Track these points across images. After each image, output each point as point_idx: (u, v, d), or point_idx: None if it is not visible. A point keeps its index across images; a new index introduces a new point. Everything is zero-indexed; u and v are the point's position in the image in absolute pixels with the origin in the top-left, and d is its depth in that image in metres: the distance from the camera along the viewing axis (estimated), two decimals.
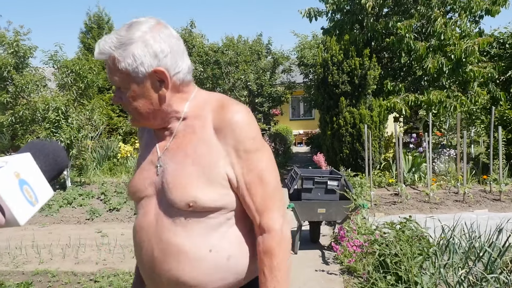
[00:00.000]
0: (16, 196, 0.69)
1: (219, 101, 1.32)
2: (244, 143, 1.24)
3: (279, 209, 1.29)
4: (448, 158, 10.47)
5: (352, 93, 9.42)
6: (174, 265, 1.27)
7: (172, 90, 1.30)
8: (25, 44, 9.44)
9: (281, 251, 1.25)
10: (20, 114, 9.39)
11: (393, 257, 3.26)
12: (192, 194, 1.22)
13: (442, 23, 9.83)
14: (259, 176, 1.26)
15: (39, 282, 4.58)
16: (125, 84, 1.26)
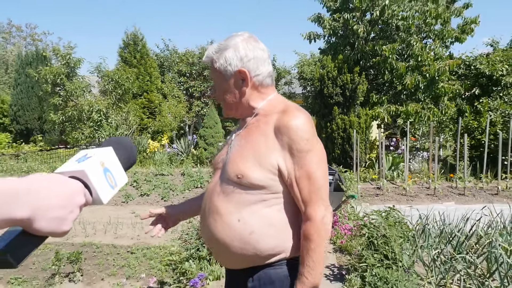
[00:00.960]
0: (101, 181, 0.72)
1: (286, 106, 1.35)
2: (297, 143, 1.24)
3: (322, 202, 1.27)
4: (421, 159, 10.47)
5: (344, 103, 9.44)
6: (212, 222, 1.34)
7: (252, 89, 1.37)
8: (75, 57, 9.52)
9: (318, 237, 1.24)
10: (69, 114, 9.50)
11: (380, 238, 3.29)
12: (241, 169, 1.27)
13: (420, 47, 9.83)
14: (308, 173, 1.25)
15: (86, 252, 4.65)
16: (218, 80, 1.39)
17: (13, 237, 0.59)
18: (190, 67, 17.87)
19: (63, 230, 0.62)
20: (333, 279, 3.73)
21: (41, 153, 11.78)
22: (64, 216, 0.62)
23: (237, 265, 1.37)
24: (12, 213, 0.54)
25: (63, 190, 0.64)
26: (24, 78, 17.08)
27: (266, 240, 1.29)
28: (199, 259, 3.87)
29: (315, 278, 1.24)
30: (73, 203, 0.64)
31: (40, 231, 0.60)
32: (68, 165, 0.73)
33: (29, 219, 0.57)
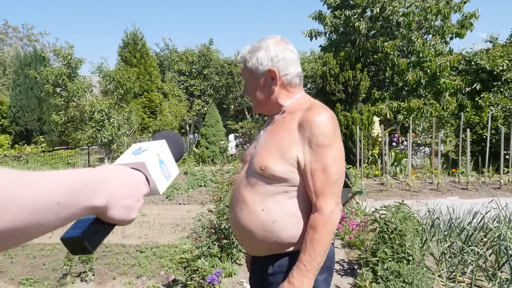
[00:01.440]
0: (158, 172, 0.75)
1: (311, 104, 1.42)
2: (317, 137, 1.30)
3: (333, 197, 1.30)
4: (423, 155, 10.53)
5: (346, 100, 9.48)
6: (238, 211, 1.43)
7: (280, 87, 1.45)
8: (76, 57, 9.52)
9: (324, 229, 1.26)
10: (71, 115, 9.49)
11: (391, 233, 3.34)
12: (265, 162, 1.34)
13: (421, 43, 9.88)
14: (323, 167, 1.29)
15: (96, 252, 4.66)
16: (250, 78, 1.48)
17: (88, 224, 0.62)
18: (190, 66, 17.87)
19: (131, 217, 0.66)
20: (343, 274, 3.78)
21: (43, 154, 11.78)
22: (132, 204, 0.66)
23: (260, 252, 1.44)
24: (93, 201, 0.57)
25: (131, 180, 0.67)
26: (23, 79, 17.04)
27: (288, 229, 1.35)
28: (210, 256, 3.91)
29: (312, 268, 1.26)
30: (139, 193, 0.68)
31: (113, 218, 0.63)
32: (126, 158, 0.76)
33: (105, 207, 0.60)
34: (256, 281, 1.50)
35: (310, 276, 1.27)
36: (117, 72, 10.21)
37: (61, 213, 0.51)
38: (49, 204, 0.49)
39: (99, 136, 9.53)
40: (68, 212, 0.53)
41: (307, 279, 1.26)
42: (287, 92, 1.46)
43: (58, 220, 0.51)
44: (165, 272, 3.95)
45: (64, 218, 0.52)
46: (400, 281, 3.11)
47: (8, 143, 14.89)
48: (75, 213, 0.55)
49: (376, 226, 3.52)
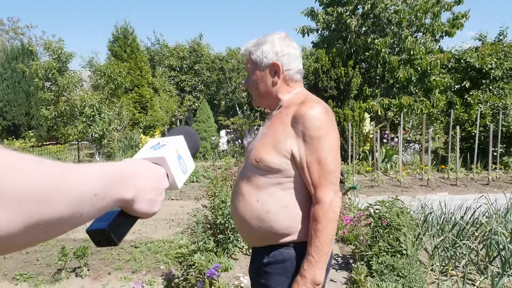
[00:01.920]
0: (176, 167, 0.76)
1: (305, 98, 1.46)
2: (310, 130, 1.33)
3: (331, 186, 1.33)
4: (413, 151, 10.68)
5: (338, 96, 9.55)
6: (236, 202, 1.50)
7: (282, 81, 1.50)
8: (66, 51, 9.38)
9: (326, 219, 1.29)
10: (61, 109, 9.37)
11: (384, 227, 3.40)
12: (260, 154, 1.39)
13: (411, 41, 9.99)
14: (318, 158, 1.33)
15: (89, 247, 4.64)
16: (253, 70, 1.52)
17: (114, 217, 0.63)
18: (181, 61, 17.77)
19: (154, 211, 0.68)
20: (338, 268, 3.83)
21: (32, 149, 11.62)
22: (155, 198, 0.67)
23: (256, 242, 1.50)
24: (123, 193, 0.59)
25: (154, 174, 0.69)
26: (10, 73, 16.74)
27: (281, 219, 1.39)
28: (206, 251, 3.93)
29: (321, 258, 1.30)
30: (162, 186, 0.70)
31: (138, 211, 0.64)
32: (145, 152, 0.77)
33: (133, 200, 0.62)
34: (254, 271, 1.55)
35: (321, 266, 1.30)
36: (108, 66, 10.11)
37: (97, 204, 0.53)
38: (88, 195, 0.50)
39: (89, 131, 9.44)
40: (103, 204, 0.54)
41: (318, 269, 1.30)
42: (287, 86, 1.50)
43: (94, 211, 0.53)
44: (165, 267, 3.95)
45: (99, 209, 0.54)
46: (394, 274, 3.18)
47: None
48: (108, 205, 0.56)
49: (370, 221, 3.58)
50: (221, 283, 2.96)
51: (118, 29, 14.55)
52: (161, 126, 14.69)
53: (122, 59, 14.36)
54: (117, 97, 10.62)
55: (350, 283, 3.41)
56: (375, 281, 3.18)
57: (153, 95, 15.10)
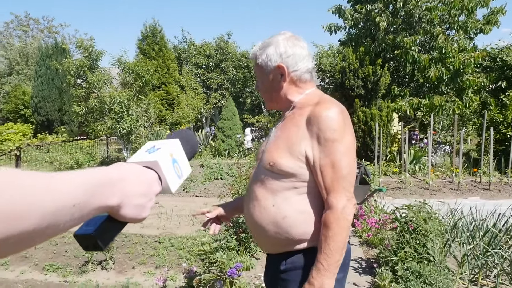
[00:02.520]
0: (171, 171, 0.76)
1: (320, 99, 1.40)
2: (325, 132, 1.27)
3: (344, 192, 1.27)
4: (443, 153, 10.34)
5: (365, 96, 9.36)
6: (251, 206, 1.44)
7: (289, 83, 1.45)
8: (97, 49, 9.63)
9: (337, 226, 1.24)
10: (91, 106, 9.63)
11: (411, 232, 3.29)
12: (274, 157, 1.35)
13: (443, 39, 9.65)
14: (332, 162, 1.27)
15: (115, 241, 4.74)
16: (260, 74, 1.49)
17: (101, 222, 0.63)
18: (208, 59, 17.92)
19: (143, 216, 0.67)
20: (362, 272, 3.75)
21: (64, 144, 12.02)
22: (144, 203, 0.67)
23: (273, 249, 1.44)
24: (107, 200, 0.59)
25: (144, 179, 0.68)
26: (44, 70, 17.37)
27: (298, 225, 1.33)
28: (228, 249, 3.94)
29: (330, 266, 1.24)
30: (152, 192, 0.69)
31: (125, 217, 0.64)
32: (140, 155, 0.77)
33: (118, 206, 0.61)
34: (270, 278, 1.50)
35: (330, 275, 1.24)
36: (136, 64, 10.30)
37: (76, 214, 0.52)
38: (66, 206, 0.50)
39: (118, 127, 9.65)
40: (83, 213, 0.54)
41: (327, 277, 1.24)
42: (297, 88, 1.45)
43: (73, 220, 0.52)
44: (188, 265, 3.99)
45: (79, 218, 0.53)
46: (420, 281, 3.07)
47: (30, 133, 15.25)
48: (89, 213, 0.56)
49: (396, 225, 3.48)
50: (241, 282, 2.95)
51: (147, 27, 14.82)
52: (187, 123, 14.87)
53: (150, 57, 14.62)
54: (144, 94, 10.80)
55: None
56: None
57: (180, 93, 15.29)
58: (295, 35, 1.47)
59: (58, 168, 9.53)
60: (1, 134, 13.53)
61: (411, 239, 3.33)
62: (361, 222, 4.80)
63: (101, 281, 3.65)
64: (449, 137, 13.12)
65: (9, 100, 19.07)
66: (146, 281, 3.66)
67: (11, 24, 27.17)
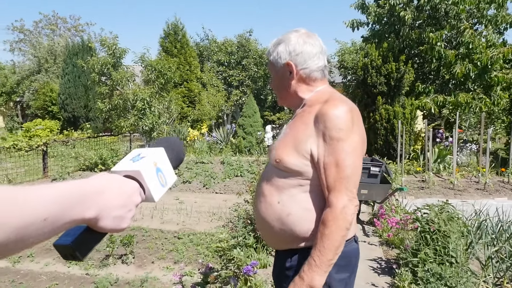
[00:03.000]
0: (154, 180, 0.76)
1: (329, 97, 1.39)
2: (330, 130, 1.27)
3: (346, 192, 1.26)
4: (469, 152, 10.02)
5: (388, 93, 9.16)
6: (258, 203, 1.47)
7: (298, 81, 1.45)
8: (120, 47, 9.80)
9: (334, 224, 1.23)
10: (115, 103, 9.81)
11: (433, 233, 3.20)
12: (280, 155, 1.35)
13: (470, 33, 9.33)
14: (336, 161, 1.26)
15: (136, 236, 4.83)
16: (272, 71, 1.51)
17: (79, 233, 0.64)
18: (229, 56, 17.97)
19: (122, 227, 0.68)
20: (381, 272, 3.68)
21: (88, 140, 12.32)
22: (124, 215, 0.67)
23: (278, 245, 1.47)
24: (83, 213, 0.59)
25: (123, 191, 0.69)
26: (71, 68, 17.85)
27: (302, 223, 1.34)
28: (245, 246, 3.94)
29: (322, 264, 1.23)
30: (131, 202, 0.70)
31: (104, 228, 0.65)
32: (124, 164, 0.77)
33: (96, 218, 0.62)
34: (277, 275, 1.52)
35: (320, 272, 1.24)
36: (159, 62, 10.42)
37: (48, 227, 0.52)
38: (35, 221, 0.50)
39: (140, 124, 9.80)
40: (55, 226, 0.54)
41: (317, 274, 1.24)
42: (307, 85, 1.45)
43: (44, 234, 0.53)
44: (202, 260, 4.02)
45: (51, 231, 0.54)
46: (441, 284, 2.99)
47: (57, 129, 15.72)
48: (63, 226, 0.56)
49: (417, 226, 3.39)
50: (257, 280, 2.94)
51: (169, 25, 14.99)
52: (208, 120, 14.97)
53: (172, 55, 14.78)
54: (166, 91, 10.92)
55: None
56: None
57: (201, 90, 15.41)
58: (309, 33, 1.46)
59: (82, 164, 9.77)
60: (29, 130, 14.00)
61: (432, 240, 3.24)
62: (382, 222, 4.71)
63: (121, 275, 3.72)
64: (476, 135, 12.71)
65: (37, 97, 19.71)
66: (164, 276, 3.71)
67: (40, 23, 28.02)
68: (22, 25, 27.83)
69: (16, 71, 23.40)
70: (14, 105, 23.05)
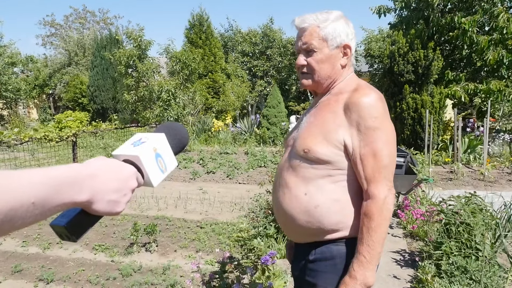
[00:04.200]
0: (153, 165, 0.77)
1: (357, 85, 1.35)
2: (365, 120, 1.23)
3: (386, 182, 1.23)
4: (502, 142, 9.61)
5: (416, 81, 8.87)
6: (281, 194, 1.39)
7: (344, 65, 1.39)
8: (146, 39, 9.93)
9: (380, 216, 1.20)
10: (141, 94, 10.00)
11: (458, 225, 3.10)
12: (308, 144, 1.30)
13: (506, 18, 8.87)
14: (373, 151, 1.23)
15: (159, 225, 4.94)
16: (320, 47, 1.34)
17: (74, 215, 0.66)
18: (253, 46, 17.89)
19: (117, 211, 0.69)
20: (404, 264, 3.61)
21: (116, 131, 12.64)
22: (118, 199, 0.68)
23: (302, 239, 1.41)
24: (74, 197, 0.60)
25: (119, 175, 0.70)
26: (99, 61, 18.28)
27: (331, 214, 1.29)
28: (266, 236, 3.95)
29: (373, 258, 1.20)
30: (126, 187, 0.71)
31: (97, 211, 0.66)
32: (125, 148, 0.78)
33: (89, 201, 0.63)
34: (298, 268, 1.45)
35: (372, 267, 1.21)
36: (183, 53, 10.52)
37: (37, 210, 0.53)
38: (24, 203, 0.51)
39: (165, 115, 9.95)
40: (45, 209, 0.55)
41: (369, 270, 1.21)
42: (343, 71, 1.40)
43: (34, 216, 0.54)
44: (221, 249, 4.06)
45: (41, 214, 0.55)
46: (466, 277, 2.90)
47: (87, 120, 16.20)
48: (54, 209, 0.57)
49: (442, 217, 3.29)
50: (276, 270, 2.95)
51: (194, 16, 15.04)
52: (232, 110, 15.02)
53: (197, 46, 14.86)
54: (191, 82, 11.03)
55: (416, 282, 3.20)
56: (443, 283, 2.94)
57: (226, 81, 15.44)
58: None
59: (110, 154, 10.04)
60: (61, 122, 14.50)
61: (456, 233, 3.14)
62: (406, 214, 4.61)
63: (145, 263, 3.82)
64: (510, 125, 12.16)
65: (68, 90, 20.34)
66: (186, 264, 3.77)
67: (70, 18, 28.79)
68: (53, 20, 28.72)
69: (48, 64, 24.20)
70: (47, 98, 23.90)
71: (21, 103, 21.78)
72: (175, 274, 3.56)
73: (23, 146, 9.72)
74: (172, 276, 3.50)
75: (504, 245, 3.17)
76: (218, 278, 2.60)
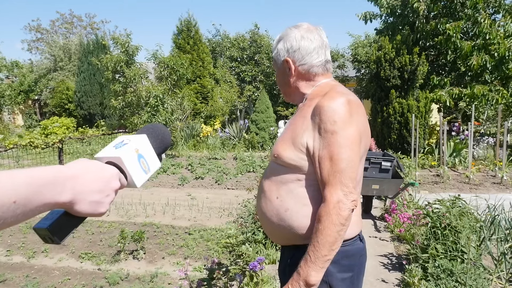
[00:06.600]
0: (135, 166, 0.78)
1: (329, 90, 1.37)
2: (325, 123, 1.24)
3: (340, 186, 1.22)
4: (486, 145, 9.80)
5: (402, 86, 9.00)
6: (259, 199, 1.48)
7: (297, 77, 1.45)
8: (133, 45, 9.87)
9: (327, 220, 1.20)
10: (128, 100, 9.92)
11: (444, 228, 3.14)
12: (278, 150, 1.36)
13: (488, 24, 9.07)
14: (330, 154, 1.23)
15: (147, 232, 4.89)
16: (275, 68, 1.53)
17: (57, 217, 0.66)
18: (241, 52, 17.93)
19: (100, 212, 0.70)
20: (391, 268, 3.64)
21: (103, 136, 12.51)
22: (101, 199, 0.69)
23: (279, 241, 1.46)
24: (56, 197, 0.61)
25: (101, 176, 0.70)
26: (86, 66, 18.11)
27: (300, 218, 1.32)
28: (254, 242, 3.95)
29: (317, 260, 1.21)
30: (109, 188, 0.71)
31: (80, 212, 0.67)
32: (107, 150, 0.79)
33: (71, 202, 0.64)
34: (281, 270, 1.51)
35: (316, 267, 1.21)
36: (171, 58, 10.48)
37: (19, 210, 0.54)
38: (4, 203, 0.51)
39: (153, 121, 9.89)
40: (27, 209, 0.55)
41: (313, 270, 1.21)
42: (307, 81, 1.45)
43: (16, 216, 0.54)
44: (210, 256, 4.04)
45: (23, 214, 0.55)
46: (452, 280, 2.94)
47: (73, 126, 16.00)
48: (36, 209, 0.57)
49: (428, 221, 3.33)
50: (264, 276, 2.94)
51: (182, 21, 15.02)
52: (221, 116, 15.00)
53: (185, 51, 14.82)
54: (179, 88, 10.99)
55: (403, 286, 3.23)
56: (430, 286, 2.97)
57: (214, 86, 15.43)
58: (310, 27, 1.44)
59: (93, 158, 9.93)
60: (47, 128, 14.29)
61: (442, 236, 3.18)
62: (393, 217, 4.65)
63: (132, 270, 3.78)
64: (494, 128, 12.40)
65: (54, 95, 20.08)
66: (174, 272, 3.74)
67: (56, 22, 28.50)
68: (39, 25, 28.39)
69: (33, 69, 23.87)
70: (33, 103, 23.55)
71: (6, 109, 21.43)
72: (163, 282, 3.53)
73: (7, 153, 9.55)
74: (160, 284, 3.47)
75: (488, 248, 3.22)
76: (206, 285, 2.59)
